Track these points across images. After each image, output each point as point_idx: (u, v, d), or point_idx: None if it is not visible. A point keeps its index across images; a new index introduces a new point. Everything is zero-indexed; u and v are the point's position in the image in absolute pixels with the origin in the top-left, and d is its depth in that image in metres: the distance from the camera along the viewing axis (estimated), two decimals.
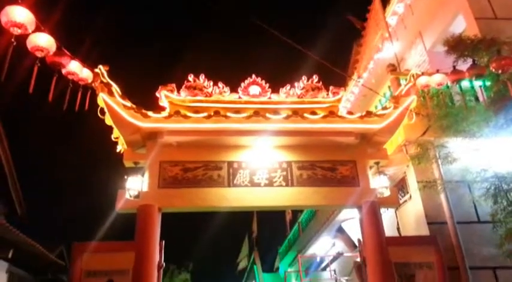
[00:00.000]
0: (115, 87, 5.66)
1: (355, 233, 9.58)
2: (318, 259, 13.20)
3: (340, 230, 10.18)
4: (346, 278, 9.80)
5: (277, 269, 21.91)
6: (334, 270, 11.06)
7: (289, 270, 15.16)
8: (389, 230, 6.64)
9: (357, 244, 9.67)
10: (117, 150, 6.25)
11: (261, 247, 22.67)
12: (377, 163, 6.38)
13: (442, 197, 6.18)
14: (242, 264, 25.54)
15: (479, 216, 6.21)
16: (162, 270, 5.70)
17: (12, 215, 8.23)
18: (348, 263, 9.84)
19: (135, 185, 5.74)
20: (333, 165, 6.37)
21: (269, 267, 23.71)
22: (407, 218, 6.81)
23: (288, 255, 18.35)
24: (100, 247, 5.53)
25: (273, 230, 28.54)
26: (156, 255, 5.65)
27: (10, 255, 4.16)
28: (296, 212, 18.14)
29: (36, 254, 4.69)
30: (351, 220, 9.62)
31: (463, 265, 5.75)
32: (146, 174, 6.01)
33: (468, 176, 5.75)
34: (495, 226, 5.39)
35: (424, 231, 6.18)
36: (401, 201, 6.82)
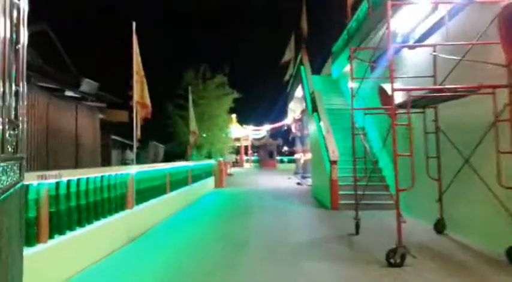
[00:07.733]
0: None
1: None
2: (399, 39, 8.75)
3: None
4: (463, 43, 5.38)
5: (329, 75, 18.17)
6: (434, 48, 6.66)
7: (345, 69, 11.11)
8: None
9: None
10: None
11: (310, 49, 18.44)
12: None
13: None
14: (288, 71, 22.12)
15: None
16: None
17: None
18: (475, 20, 5.38)
19: None
20: None
21: (317, 73, 20.03)
22: None
23: (345, 51, 14.16)
24: None
25: (326, 33, 23.75)
26: None
27: None
28: None
29: None
30: None
31: None
32: None
33: None
34: None
35: None
36: None
